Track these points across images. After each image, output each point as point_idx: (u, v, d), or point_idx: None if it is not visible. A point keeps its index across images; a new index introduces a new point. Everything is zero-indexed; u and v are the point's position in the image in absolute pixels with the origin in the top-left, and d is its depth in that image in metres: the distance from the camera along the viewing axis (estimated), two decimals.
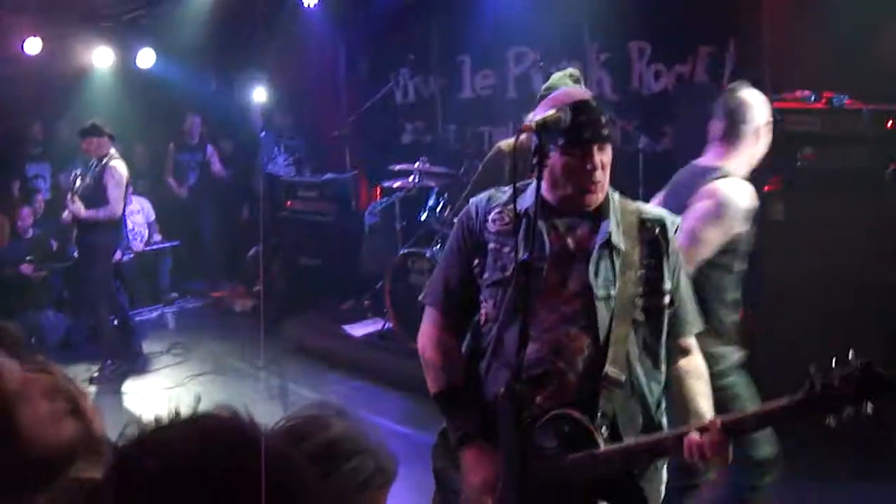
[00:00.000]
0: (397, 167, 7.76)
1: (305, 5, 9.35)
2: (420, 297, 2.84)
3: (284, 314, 8.37)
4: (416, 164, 7.53)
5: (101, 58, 10.44)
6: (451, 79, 9.34)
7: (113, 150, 7.55)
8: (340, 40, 9.84)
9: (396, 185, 7.76)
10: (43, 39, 9.76)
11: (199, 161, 10.49)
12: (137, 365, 7.65)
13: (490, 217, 2.66)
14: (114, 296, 7.72)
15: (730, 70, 6.83)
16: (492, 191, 2.75)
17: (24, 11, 9.46)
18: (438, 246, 7.09)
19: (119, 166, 7.49)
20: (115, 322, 7.73)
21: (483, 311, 2.64)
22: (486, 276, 2.63)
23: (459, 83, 9.28)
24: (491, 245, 2.63)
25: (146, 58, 10.54)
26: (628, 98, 7.74)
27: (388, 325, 7.40)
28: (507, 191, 2.62)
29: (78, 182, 7.43)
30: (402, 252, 7.18)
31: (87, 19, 10.16)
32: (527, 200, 2.58)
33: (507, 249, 2.58)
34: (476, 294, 2.66)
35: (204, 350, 8.09)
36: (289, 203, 9.15)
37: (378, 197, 8.76)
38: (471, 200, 2.77)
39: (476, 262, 2.66)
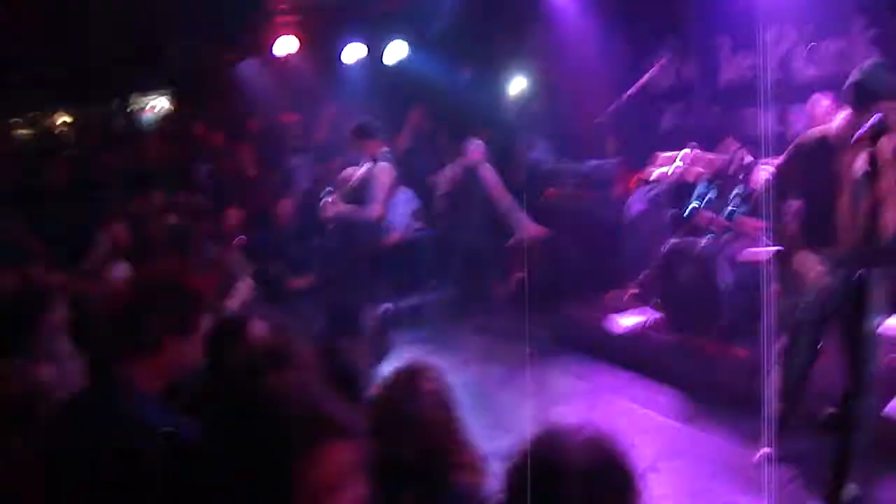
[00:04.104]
0: (665, 154, 7.57)
1: None
2: None
3: (548, 304, 8.33)
4: (685, 150, 7.32)
5: (353, 52, 10.87)
6: (710, 60, 9.04)
7: (384, 150, 7.78)
8: (595, 26, 9.70)
9: (661, 171, 7.58)
10: (297, 37, 10.30)
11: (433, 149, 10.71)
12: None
13: None
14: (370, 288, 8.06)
15: None
16: None
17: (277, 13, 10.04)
18: (710, 236, 6.87)
19: (388, 168, 7.77)
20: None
21: None
22: None
23: (719, 65, 8.95)
24: None
25: (398, 50, 10.85)
26: None
27: (656, 316, 7.25)
28: None
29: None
30: (671, 243, 7.00)
31: (338, 15, 10.63)
32: None
33: None
34: None
35: (466, 340, 8.23)
36: (550, 190, 9.14)
37: (642, 184, 8.58)
38: None
39: None
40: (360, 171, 8.06)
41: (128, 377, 2.64)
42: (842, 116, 4.46)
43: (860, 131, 4.06)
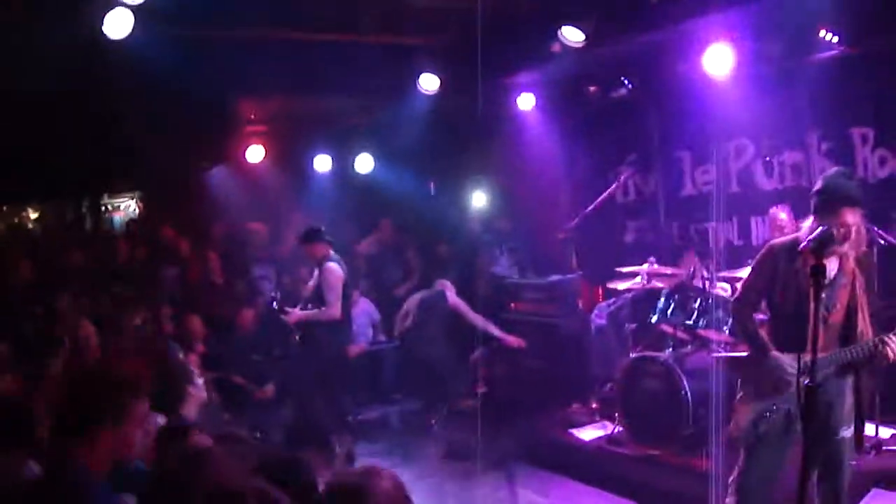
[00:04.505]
0: (625, 269, 7.69)
1: (521, 108, 9.61)
2: None
3: (510, 415, 8.27)
4: (645, 265, 7.44)
5: (320, 163, 11.06)
6: (671, 175, 9.27)
7: (330, 253, 7.90)
8: (559, 141, 9.95)
9: (624, 286, 7.68)
10: (265, 147, 10.47)
11: (400, 260, 10.86)
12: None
13: None
14: (334, 395, 8.00)
15: None
16: None
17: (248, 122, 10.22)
18: (671, 349, 6.93)
19: (334, 268, 7.82)
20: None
21: None
22: None
23: (680, 179, 9.18)
24: None
25: (364, 163, 11.05)
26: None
27: (618, 429, 7.24)
28: None
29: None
30: (634, 355, 7.05)
31: (306, 127, 10.83)
32: None
33: None
34: None
35: (428, 451, 8.12)
36: (513, 305, 9.19)
37: (603, 298, 8.69)
38: None
39: None
40: (312, 278, 8.14)
41: (77, 464, 2.88)
42: (807, 224, 4.51)
43: (803, 243, 4.07)
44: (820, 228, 4.03)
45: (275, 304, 8.13)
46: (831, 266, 4.38)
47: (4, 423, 3.76)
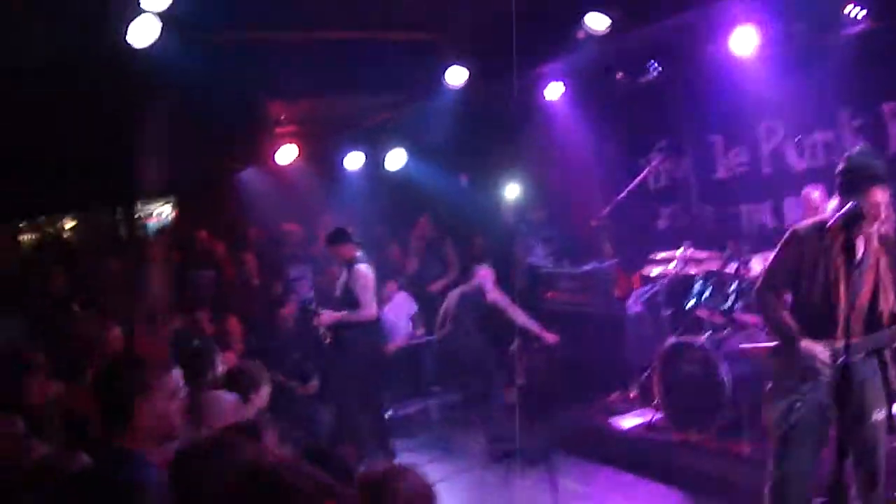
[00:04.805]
0: (659, 255, 7.66)
1: (549, 98, 9.59)
2: None
3: (549, 407, 8.28)
4: (680, 249, 7.40)
5: (352, 161, 11.10)
6: (703, 159, 9.21)
7: (357, 254, 7.89)
8: (588, 129, 9.92)
9: (657, 272, 7.65)
10: (297, 147, 10.54)
11: (439, 254, 10.88)
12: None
13: None
14: (371, 395, 8.00)
15: None
16: None
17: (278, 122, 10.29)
18: (708, 334, 6.88)
19: (365, 270, 7.82)
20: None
21: None
22: None
23: (712, 163, 9.12)
24: None
25: (397, 158, 11.07)
26: (886, 163, 7.33)
27: (658, 416, 7.21)
28: None
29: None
30: (671, 342, 7.02)
31: (337, 126, 10.87)
32: None
33: None
34: None
35: (469, 444, 8.14)
36: (549, 294, 9.19)
37: (638, 285, 8.64)
38: None
39: None
40: (340, 278, 8.12)
41: (117, 445, 3.04)
42: (833, 205, 4.45)
43: (831, 221, 4.06)
44: (849, 205, 3.98)
45: (311, 304, 8.13)
46: (858, 247, 4.31)
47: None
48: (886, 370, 4.34)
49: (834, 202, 4.43)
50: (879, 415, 4.29)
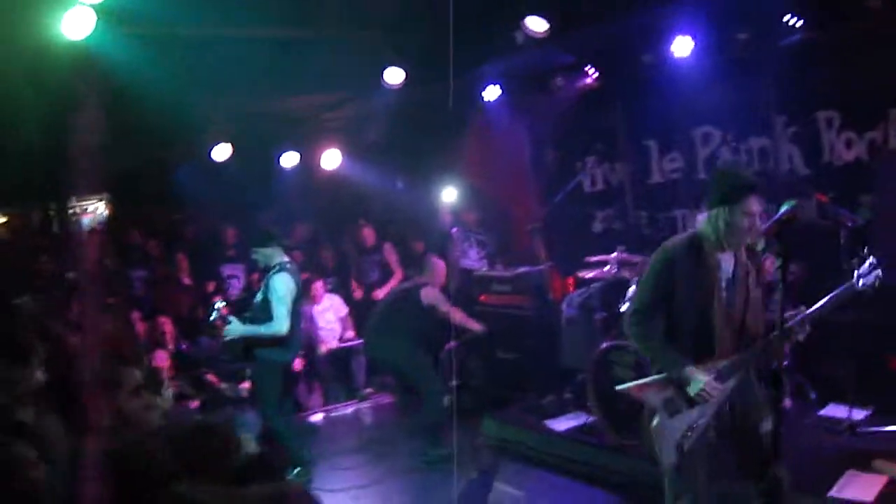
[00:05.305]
0: (593, 259, 7.70)
1: (487, 100, 9.60)
2: None
3: (483, 409, 8.27)
4: (613, 254, 7.45)
5: (287, 160, 11.01)
6: (638, 164, 9.30)
7: (280, 261, 7.29)
8: (525, 132, 9.96)
9: (591, 275, 7.69)
10: (231, 145, 10.40)
11: (379, 260, 10.79)
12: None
13: None
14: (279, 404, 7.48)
15: None
16: None
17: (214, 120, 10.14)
18: None
19: (282, 279, 7.16)
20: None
21: None
22: None
23: (647, 168, 9.22)
24: None
25: (332, 158, 11.00)
26: (820, 170, 7.58)
27: (591, 419, 7.25)
28: None
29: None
30: (604, 345, 7.06)
31: (273, 124, 10.77)
32: None
33: None
34: None
35: (403, 446, 8.09)
36: (483, 297, 9.20)
37: (573, 288, 8.69)
38: None
39: None
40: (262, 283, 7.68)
41: None
42: (703, 219, 4.37)
43: (765, 226, 3.96)
44: (784, 208, 3.80)
45: (219, 311, 7.17)
46: (730, 261, 4.28)
47: None
48: (764, 382, 4.28)
49: (705, 216, 4.33)
50: (766, 426, 4.17)
